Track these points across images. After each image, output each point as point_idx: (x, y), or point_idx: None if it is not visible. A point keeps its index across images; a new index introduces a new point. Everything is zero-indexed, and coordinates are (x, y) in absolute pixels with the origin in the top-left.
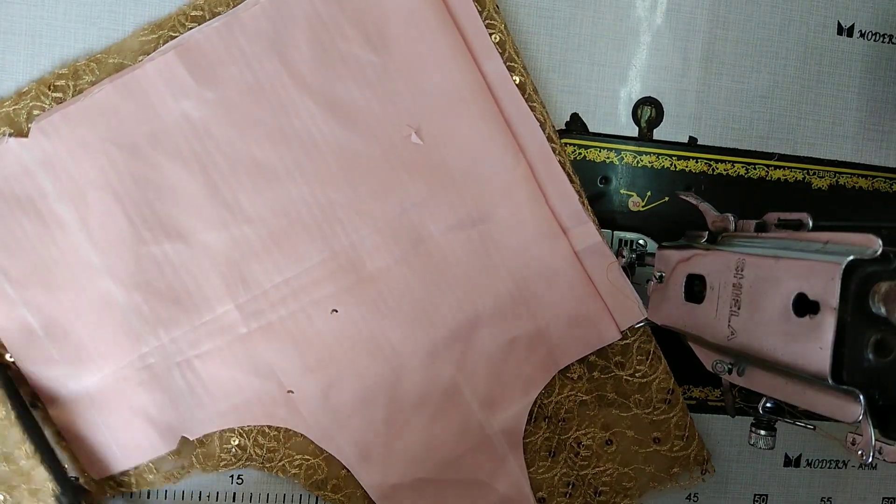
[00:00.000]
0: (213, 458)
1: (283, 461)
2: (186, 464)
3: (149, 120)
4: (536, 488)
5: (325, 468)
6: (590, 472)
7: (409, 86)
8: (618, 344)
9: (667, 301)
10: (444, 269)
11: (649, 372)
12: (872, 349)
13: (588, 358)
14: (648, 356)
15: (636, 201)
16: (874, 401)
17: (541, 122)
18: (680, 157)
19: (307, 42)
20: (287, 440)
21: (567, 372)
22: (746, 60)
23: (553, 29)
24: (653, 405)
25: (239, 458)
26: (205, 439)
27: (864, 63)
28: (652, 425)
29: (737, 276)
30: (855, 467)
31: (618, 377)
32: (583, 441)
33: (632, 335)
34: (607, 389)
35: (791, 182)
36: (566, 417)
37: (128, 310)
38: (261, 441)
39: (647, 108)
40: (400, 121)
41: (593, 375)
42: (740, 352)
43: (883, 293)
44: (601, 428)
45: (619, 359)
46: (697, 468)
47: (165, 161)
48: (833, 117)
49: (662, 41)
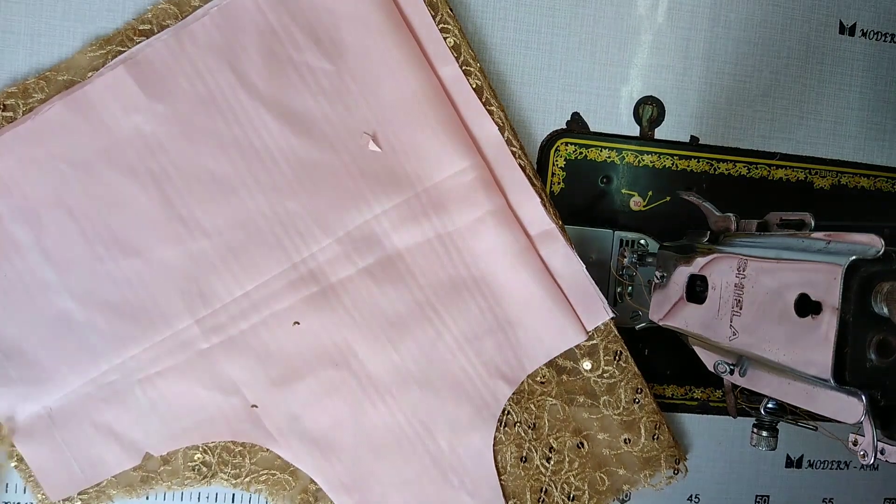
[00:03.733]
0: (177, 476)
1: (249, 476)
2: (152, 479)
3: (100, 136)
4: (509, 496)
5: (292, 483)
6: (562, 476)
7: (364, 93)
8: (585, 345)
9: (668, 301)
10: (408, 278)
11: (617, 373)
12: (874, 349)
13: (555, 361)
14: (616, 356)
15: (638, 201)
16: (876, 401)
17: (499, 126)
18: (681, 156)
19: (259, 52)
20: (253, 455)
21: (535, 377)
22: (748, 59)
23: (554, 28)
24: (622, 406)
25: (204, 475)
26: (169, 456)
27: (865, 62)
28: (622, 426)
29: (739, 276)
30: (857, 468)
31: (586, 379)
32: (554, 445)
33: (598, 336)
34: (576, 392)
35: (793, 182)
36: (536, 423)
37: (87, 328)
38: (226, 457)
39: (649, 107)
40: (357, 128)
41: (562, 378)
42: (742, 352)
43: (885, 293)
44: (572, 431)
45: (586, 361)
46: (669, 469)
47: (118, 177)
48: (835, 117)
49: (664, 40)
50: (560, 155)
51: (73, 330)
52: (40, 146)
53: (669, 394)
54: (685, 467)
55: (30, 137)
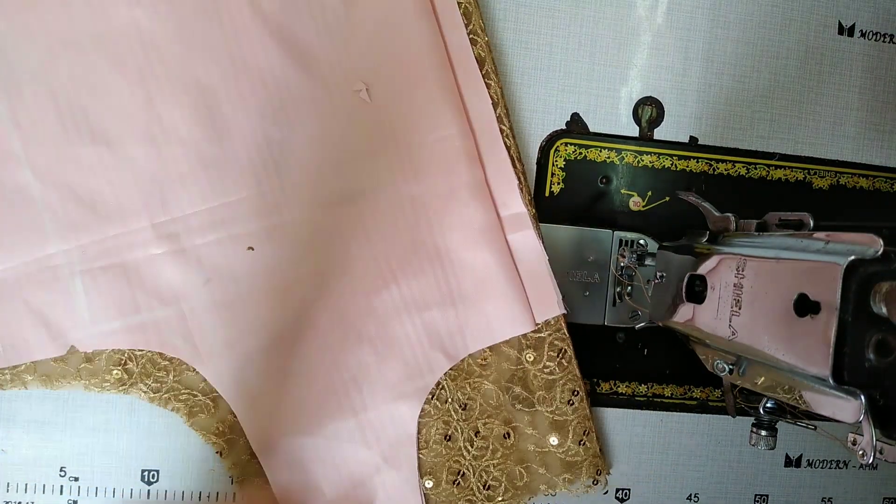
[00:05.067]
0: (97, 377)
1: (168, 393)
2: (71, 374)
3: (98, 20)
4: (425, 471)
5: (212, 408)
6: (482, 463)
7: (368, 41)
8: (532, 336)
9: (668, 301)
10: (371, 230)
11: (558, 370)
12: (873, 349)
13: (499, 347)
14: (560, 354)
15: (637, 201)
16: (875, 401)
17: (494, 101)
18: (681, 156)
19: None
20: (178, 374)
21: (477, 358)
22: (747, 60)
23: (554, 28)
24: (556, 405)
25: (124, 382)
26: (93, 355)
27: (864, 63)
28: (552, 425)
29: (738, 276)
30: (856, 467)
31: (526, 370)
32: (481, 430)
33: (547, 330)
34: (514, 382)
35: (792, 182)
36: (468, 404)
37: (42, 206)
38: (149, 369)
39: (648, 107)
40: (353, 74)
41: (503, 365)
42: (741, 352)
43: (884, 293)
44: (501, 420)
45: (530, 352)
46: (590, 478)
47: (106, 65)
48: (834, 117)
49: (663, 40)
50: (560, 155)
51: (28, 205)
52: (37, 17)
53: (669, 393)
54: (605, 479)
55: (29, 5)
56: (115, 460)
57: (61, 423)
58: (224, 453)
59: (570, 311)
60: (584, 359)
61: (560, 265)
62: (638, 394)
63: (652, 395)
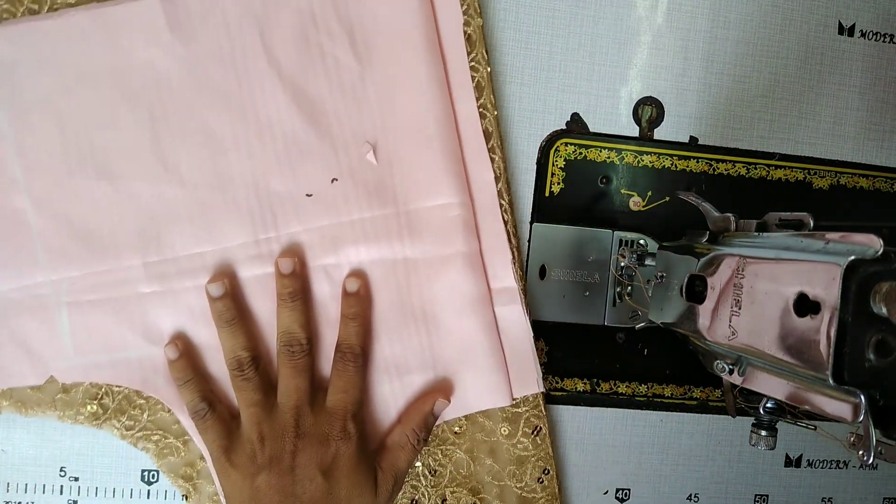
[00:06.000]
0: (72, 409)
1: (141, 432)
2: (46, 403)
3: (115, 57)
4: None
5: (182, 451)
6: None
7: (380, 101)
8: (509, 410)
9: (668, 301)
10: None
11: (531, 447)
12: (873, 349)
13: (475, 417)
14: (535, 431)
15: (637, 201)
16: (875, 401)
17: (496, 175)
18: (681, 156)
19: (292, 28)
20: (153, 413)
21: (452, 425)
22: (747, 60)
23: (554, 28)
24: (525, 481)
25: (98, 417)
26: (70, 386)
27: (864, 63)
28: (519, 501)
29: (738, 276)
30: (856, 467)
31: (499, 443)
32: (447, 498)
33: (525, 406)
34: (486, 453)
35: (792, 182)
36: (438, 470)
37: (36, 234)
38: (124, 406)
39: (648, 107)
40: (361, 132)
41: (476, 436)
42: (741, 352)
43: (884, 293)
44: (469, 490)
45: (505, 426)
46: None
47: (118, 101)
48: (834, 117)
49: (663, 41)
50: (560, 155)
51: (22, 232)
52: (54, 48)
53: (669, 393)
54: None
55: (47, 35)
56: (115, 460)
57: (62, 423)
58: (189, 496)
59: (570, 311)
60: (584, 359)
61: (560, 265)
62: (638, 394)
63: (652, 395)
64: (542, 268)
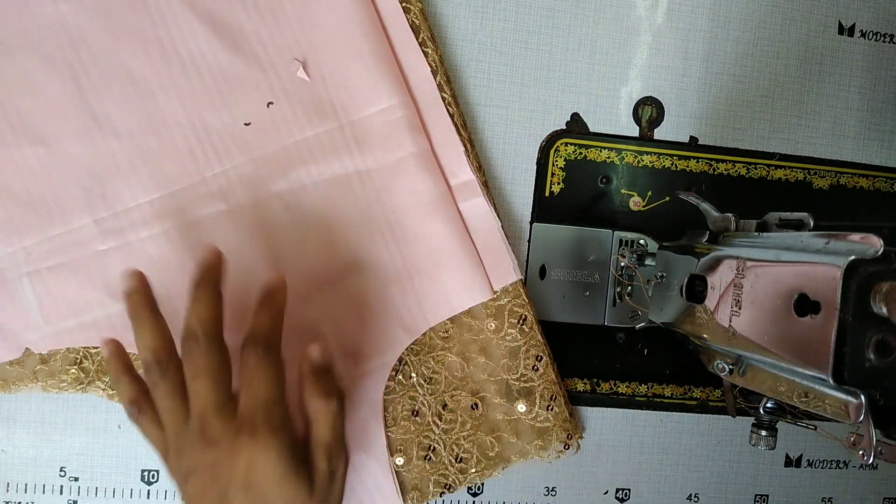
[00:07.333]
0: (54, 377)
1: None
2: (27, 377)
3: (23, 19)
4: (395, 449)
5: None
6: (452, 436)
7: (299, 15)
8: (491, 305)
9: (668, 301)
10: (321, 211)
11: (520, 336)
12: (873, 349)
13: (460, 317)
14: (520, 320)
15: (637, 201)
16: (875, 401)
17: (433, 69)
18: (681, 156)
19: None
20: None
21: (438, 331)
22: (747, 60)
23: (554, 28)
24: (520, 372)
25: (81, 381)
26: (48, 356)
27: (864, 63)
28: (519, 392)
29: (738, 276)
30: (856, 467)
31: (489, 339)
32: (448, 403)
33: (506, 297)
34: (477, 352)
35: (792, 182)
36: (433, 377)
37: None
38: (106, 366)
39: (648, 107)
40: (287, 50)
41: (464, 336)
42: (741, 352)
43: (884, 293)
44: (469, 392)
45: (491, 321)
46: (561, 443)
47: (35, 63)
48: (834, 117)
49: (663, 40)
50: (560, 155)
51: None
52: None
53: (669, 393)
54: (577, 444)
55: None
56: (115, 460)
57: (61, 423)
58: None
59: (570, 311)
60: (584, 359)
61: (560, 265)
62: (638, 394)
63: (652, 395)
64: (542, 268)
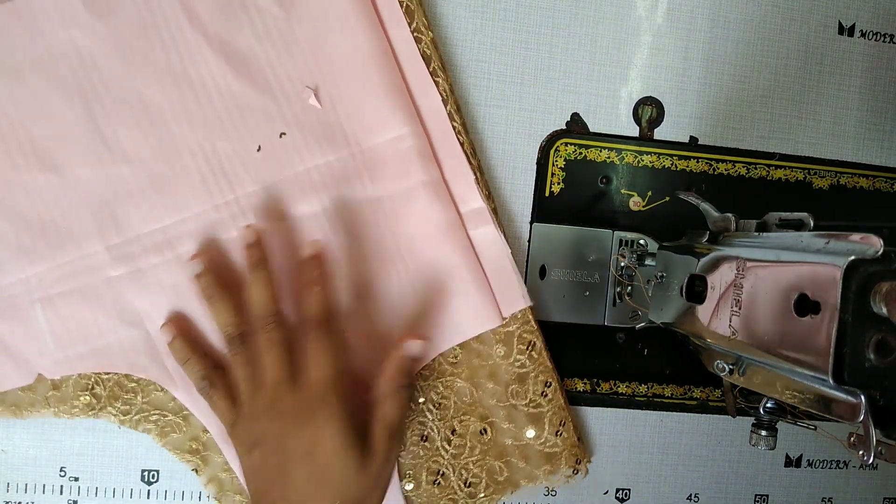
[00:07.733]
0: (66, 403)
1: (139, 415)
2: (39, 403)
3: (35, 45)
4: (404, 474)
5: (183, 427)
6: (461, 461)
7: (311, 44)
8: (500, 331)
9: (668, 301)
10: (331, 237)
11: (529, 363)
12: (873, 349)
13: (469, 343)
14: (529, 347)
15: (637, 201)
16: (875, 401)
17: (443, 98)
18: (681, 156)
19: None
20: (146, 395)
21: (447, 356)
22: (747, 60)
23: (554, 28)
24: (529, 398)
25: (92, 406)
26: (60, 382)
27: (864, 63)
28: (528, 418)
29: (738, 276)
30: (856, 467)
31: (497, 365)
32: (457, 429)
33: (515, 323)
34: (486, 377)
35: (792, 182)
36: (442, 403)
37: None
38: (117, 392)
39: (648, 107)
40: (299, 78)
41: (473, 362)
42: (741, 352)
43: (884, 293)
44: (478, 417)
45: (500, 347)
46: (569, 468)
47: (47, 88)
48: (834, 117)
49: (663, 41)
50: (560, 155)
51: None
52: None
53: (669, 393)
54: (586, 468)
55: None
56: (115, 460)
57: (61, 423)
58: (199, 470)
59: (570, 311)
60: (584, 359)
61: (560, 265)
62: (638, 394)
63: (652, 395)
64: (542, 268)
